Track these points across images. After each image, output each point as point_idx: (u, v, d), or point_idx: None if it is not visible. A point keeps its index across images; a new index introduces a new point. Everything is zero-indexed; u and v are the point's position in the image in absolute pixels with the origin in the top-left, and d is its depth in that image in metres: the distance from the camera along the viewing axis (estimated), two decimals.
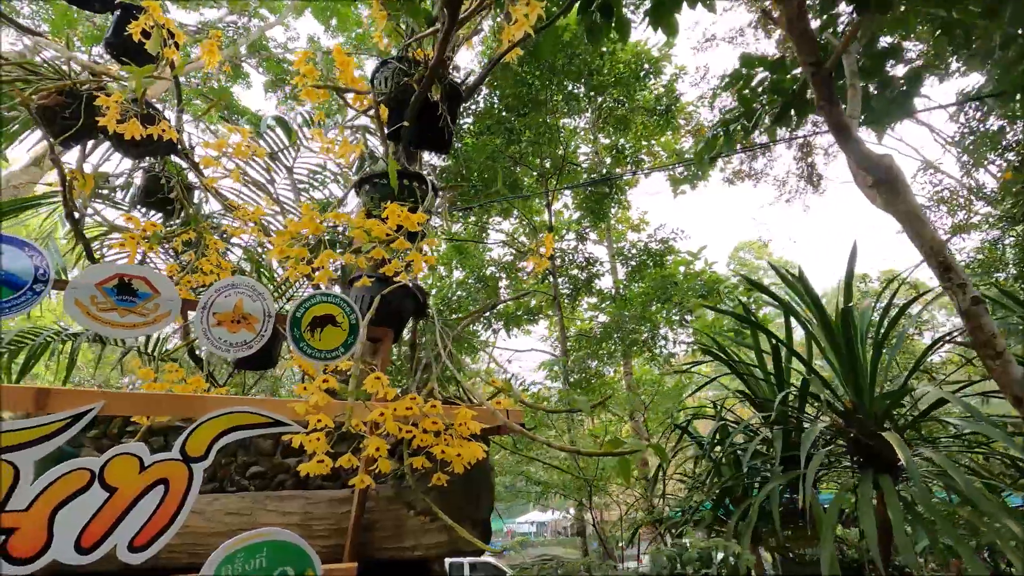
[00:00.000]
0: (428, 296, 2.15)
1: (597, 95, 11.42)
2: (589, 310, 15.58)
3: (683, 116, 14.50)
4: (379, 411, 1.62)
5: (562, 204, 14.89)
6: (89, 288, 1.50)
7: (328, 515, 1.91)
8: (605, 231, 15.79)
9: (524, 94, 9.84)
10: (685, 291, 11.87)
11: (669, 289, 12.46)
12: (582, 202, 12.96)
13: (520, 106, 9.95)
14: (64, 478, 1.42)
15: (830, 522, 3.05)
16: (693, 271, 13.33)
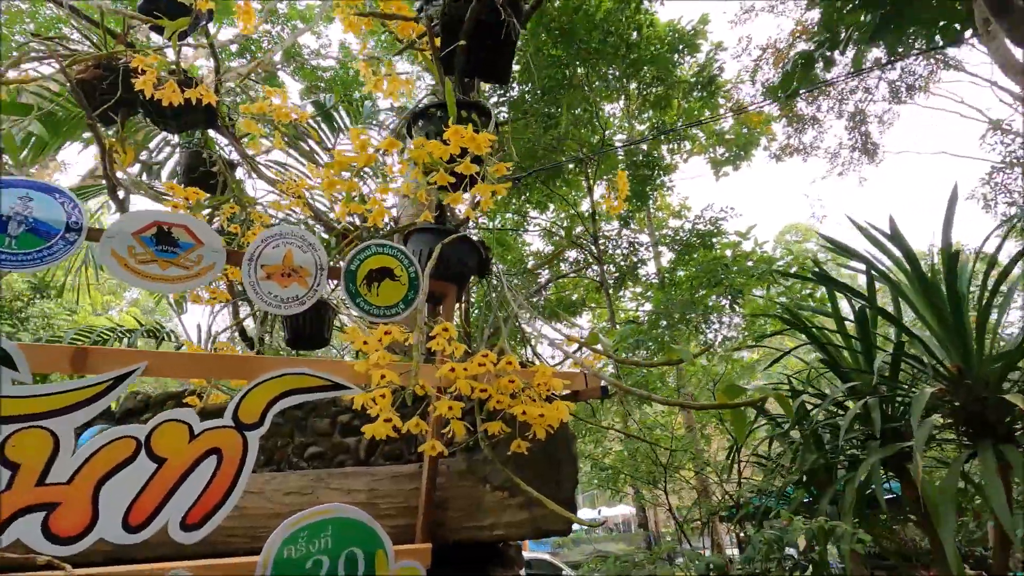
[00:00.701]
0: (491, 251, 1.95)
1: (634, 74, 11.05)
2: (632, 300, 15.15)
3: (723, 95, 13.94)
4: (449, 367, 1.41)
5: (599, 195, 14.52)
6: (126, 237, 1.34)
7: (395, 492, 1.72)
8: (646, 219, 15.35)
9: (558, 76, 9.57)
10: (735, 273, 11.36)
11: (719, 272, 11.96)
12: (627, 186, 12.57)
13: (556, 88, 9.68)
14: (108, 447, 1.26)
15: (949, 501, 2.68)
16: (742, 252, 12.75)
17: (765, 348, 7.33)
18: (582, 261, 13.59)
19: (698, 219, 12.85)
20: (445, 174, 1.31)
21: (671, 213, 17.42)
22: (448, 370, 1.40)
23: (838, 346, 4.39)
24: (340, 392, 1.50)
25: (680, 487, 4.91)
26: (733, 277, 11.81)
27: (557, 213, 14.16)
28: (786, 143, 15.84)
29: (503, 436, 1.54)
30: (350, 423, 2.28)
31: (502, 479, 1.69)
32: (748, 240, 14.39)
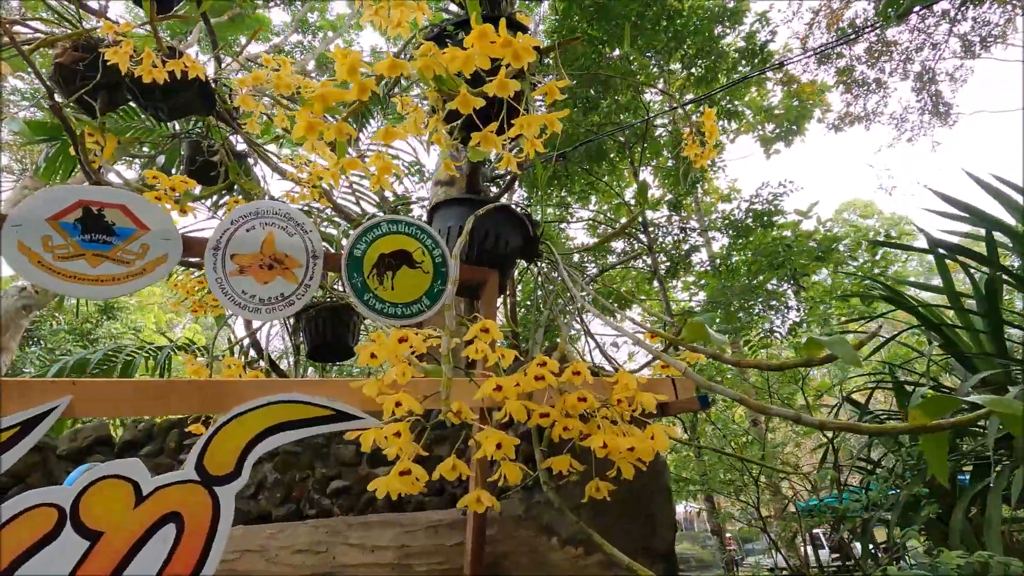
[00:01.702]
0: (540, 226, 1.50)
1: (676, 48, 10.38)
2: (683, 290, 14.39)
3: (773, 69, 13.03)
4: (493, 384, 0.97)
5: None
6: (39, 225, 0.97)
7: (433, 549, 1.30)
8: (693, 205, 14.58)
9: (594, 55, 9.04)
10: (797, 254, 10.50)
11: (780, 253, 11.10)
12: (671, 170, 11.91)
13: (591, 67, 9.15)
14: (19, 521, 0.89)
15: None
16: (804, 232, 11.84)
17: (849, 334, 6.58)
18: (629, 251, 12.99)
19: (753, 199, 12.04)
20: (469, 95, 0.88)
21: (719, 197, 16.56)
22: (493, 388, 0.97)
23: (953, 326, 3.70)
24: (345, 425, 1.09)
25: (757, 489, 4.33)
26: (795, 258, 10.94)
27: (600, 205, 13.60)
28: (845, 111, 14.72)
29: (574, 474, 1.10)
30: (379, 451, 1.88)
31: (574, 530, 1.24)
32: (810, 218, 13.40)
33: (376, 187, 1.08)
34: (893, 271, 13.12)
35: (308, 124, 0.91)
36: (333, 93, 0.93)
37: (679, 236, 11.64)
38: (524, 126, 0.93)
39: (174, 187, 1.76)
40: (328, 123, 0.94)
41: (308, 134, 0.91)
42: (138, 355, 3.73)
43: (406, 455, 0.87)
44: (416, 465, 0.86)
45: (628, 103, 10.83)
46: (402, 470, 0.84)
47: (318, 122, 0.91)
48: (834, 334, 3.34)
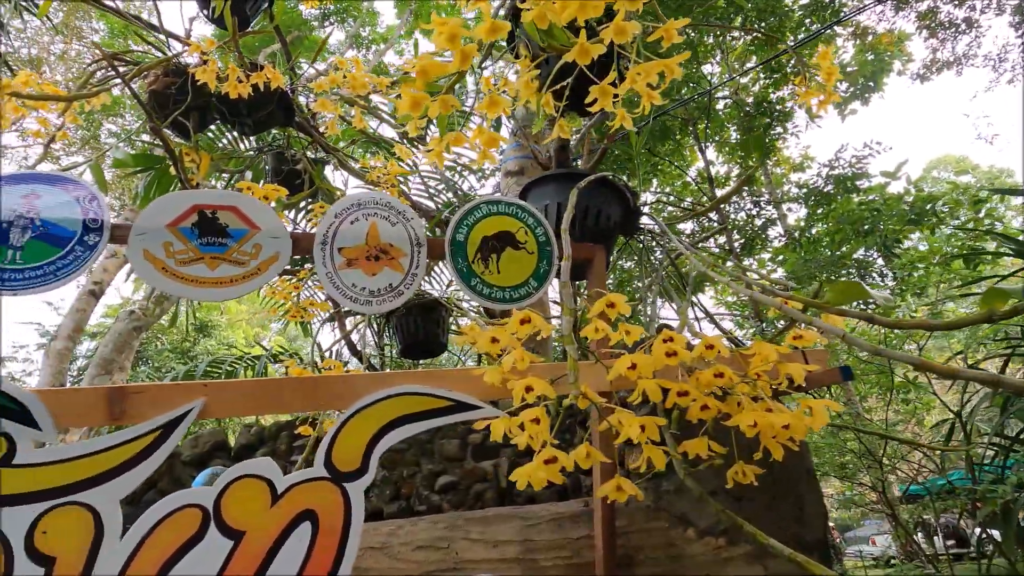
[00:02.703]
0: (639, 197, 1.40)
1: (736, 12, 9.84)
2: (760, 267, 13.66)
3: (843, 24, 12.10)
4: (627, 362, 0.89)
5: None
6: (160, 232, 0.99)
7: (559, 543, 1.24)
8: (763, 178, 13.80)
9: None
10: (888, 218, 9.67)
11: (870, 219, 10.28)
12: (739, 143, 11.33)
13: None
14: (167, 522, 0.90)
15: None
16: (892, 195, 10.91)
17: None
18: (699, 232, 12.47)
19: (833, 163, 11.24)
20: (588, 44, 0.79)
21: (791, 168, 15.61)
22: (627, 366, 0.89)
23: None
24: (467, 414, 1.05)
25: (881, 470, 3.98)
26: (885, 224, 10.10)
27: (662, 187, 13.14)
28: (931, 58, 13.46)
29: (716, 458, 1.00)
30: (483, 444, 1.85)
31: (712, 520, 1.14)
32: (898, 179, 12.35)
33: (481, 162, 1.03)
34: (1000, 230, 11.84)
35: (412, 100, 0.86)
36: (434, 65, 0.88)
37: (752, 210, 11.06)
38: (642, 74, 0.84)
39: (267, 196, 1.80)
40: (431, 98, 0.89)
41: (413, 110, 0.86)
42: (238, 365, 3.93)
43: (540, 439, 0.80)
44: (561, 452, 0.79)
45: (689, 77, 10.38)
46: (547, 458, 0.78)
47: (422, 96, 0.86)
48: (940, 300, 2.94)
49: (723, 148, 12.54)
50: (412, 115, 0.87)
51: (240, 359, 3.94)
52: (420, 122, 0.92)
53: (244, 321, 18.01)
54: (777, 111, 10.93)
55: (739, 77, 12.39)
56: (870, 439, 4.46)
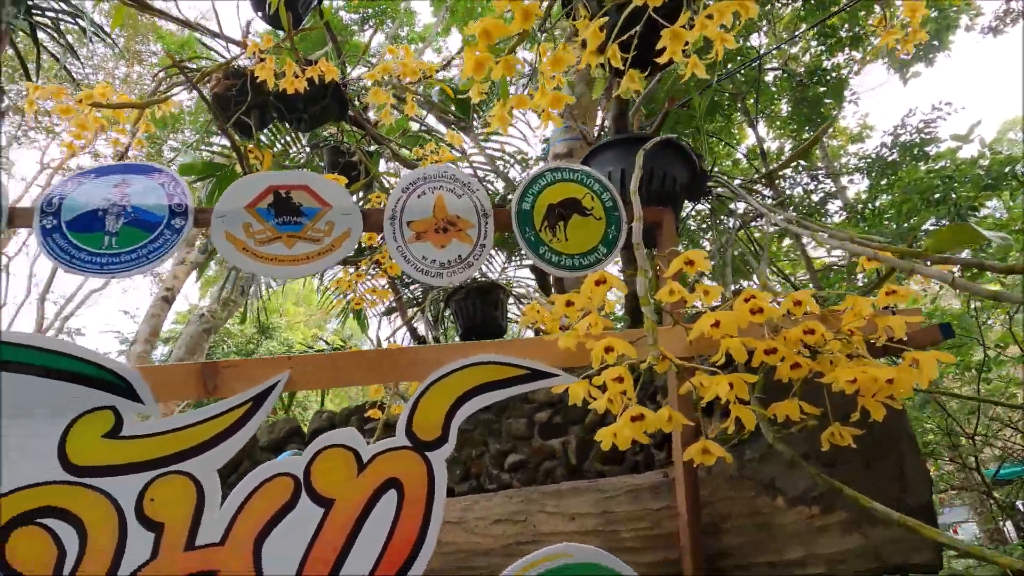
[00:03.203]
0: (704, 159, 1.35)
1: None
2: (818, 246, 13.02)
3: None
4: (711, 320, 0.86)
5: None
6: (239, 214, 1.02)
7: (639, 514, 1.21)
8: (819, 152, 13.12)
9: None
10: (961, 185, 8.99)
11: (941, 187, 9.61)
12: (792, 115, 10.84)
13: None
14: (261, 491, 0.93)
15: None
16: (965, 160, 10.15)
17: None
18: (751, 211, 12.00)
19: (898, 130, 10.56)
20: None
21: (849, 139, 14.80)
22: (710, 324, 0.85)
23: None
24: (543, 383, 1.04)
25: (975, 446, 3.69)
26: (958, 191, 9.44)
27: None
28: (1004, 8, 12.45)
29: (810, 419, 0.95)
30: (550, 421, 1.84)
31: (803, 487, 1.09)
32: (971, 142, 11.51)
33: (545, 123, 1.01)
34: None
35: (476, 62, 0.85)
36: (496, 26, 0.87)
37: (809, 185, 10.55)
38: (715, 16, 0.80)
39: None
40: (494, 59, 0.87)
41: (476, 72, 0.86)
42: None
43: (619, 397, 0.78)
44: (647, 410, 0.77)
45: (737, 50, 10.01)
46: (634, 415, 0.76)
47: (486, 57, 0.85)
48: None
49: (774, 123, 12.01)
50: (476, 77, 0.86)
51: (308, 349, 4.08)
52: (483, 86, 0.91)
53: (302, 323, 18.73)
54: (832, 78, 10.37)
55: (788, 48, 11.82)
56: (958, 414, 4.18)
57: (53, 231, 0.96)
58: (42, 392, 0.89)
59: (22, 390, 0.89)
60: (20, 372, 0.89)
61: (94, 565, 0.87)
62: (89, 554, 0.87)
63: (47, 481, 0.88)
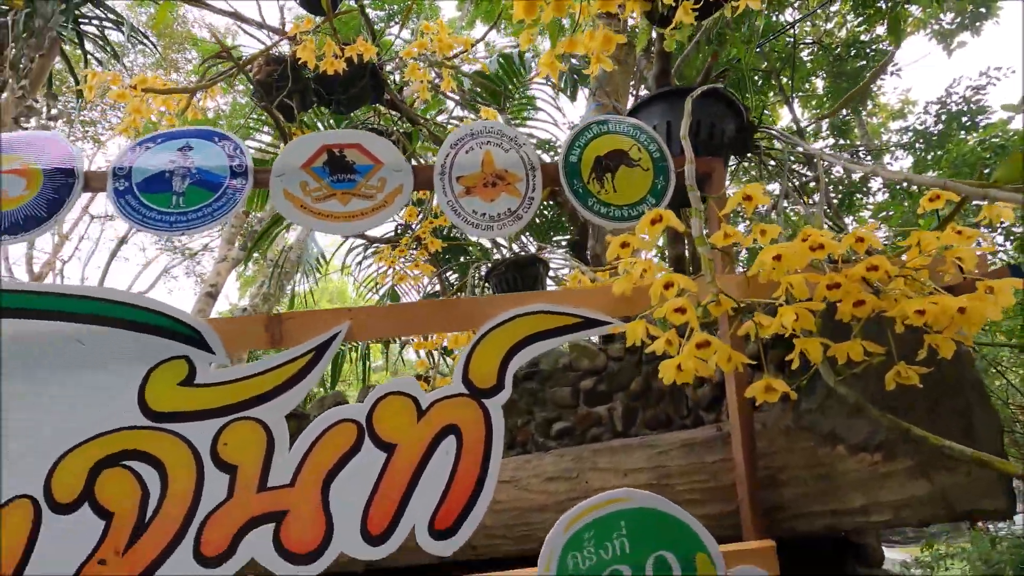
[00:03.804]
0: (751, 112, 1.32)
1: None
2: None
3: None
4: (772, 252, 0.85)
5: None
6: (296, 173, 1.06)
7: (694, 468, 1.21)
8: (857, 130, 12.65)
9: None
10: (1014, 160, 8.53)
11: (992, 160, 9.17)
12: (829, 90, 10.49)
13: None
14: (326, 436, 0.97)
15: None
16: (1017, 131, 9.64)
17: None
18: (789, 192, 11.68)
19: (942, 102, 10.10)
20: None
21: (889, 115, 14.23)
22: (772, 257, 0.84)
23: None
24: (597, 329, 1.04)
25: None
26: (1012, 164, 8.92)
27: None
28: None
29: (877, 356, 0.93)
30: (595, 389, 1.84)
31: (865, 434, 1.07)
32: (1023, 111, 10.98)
33: (595, 68, 1.00)
34: None
35: (525, 5, 0.86)
36: None
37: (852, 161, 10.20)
38: None
39: None
40: None
41: (527, 14, 0.86)
42: (343, 347, 4.18)
43: (698, 328, 0.78)
44: (713, 337, 0.76)
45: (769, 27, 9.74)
46: (700, 342, 0.76)
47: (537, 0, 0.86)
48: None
49: (809, 102, 11.64)
50: (526, 18, 0.86)
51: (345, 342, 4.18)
52: (532, 29, 0.91)
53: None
54: (872, 50, 9.99)
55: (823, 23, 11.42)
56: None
57: (125, 192, 1.01)
58: (123, 343, 0.94)
59: (105, 341, 0.94)
60: (102, 325, 0.94)
61: (176, 504, 0.91)
62: (170, 494, 0.92)
63: (129, 426, 0.93)
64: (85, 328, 0.93)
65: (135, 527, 0.90)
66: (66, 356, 0.93)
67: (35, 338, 0.92)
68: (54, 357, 0.92)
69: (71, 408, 0.92)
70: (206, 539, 0.91)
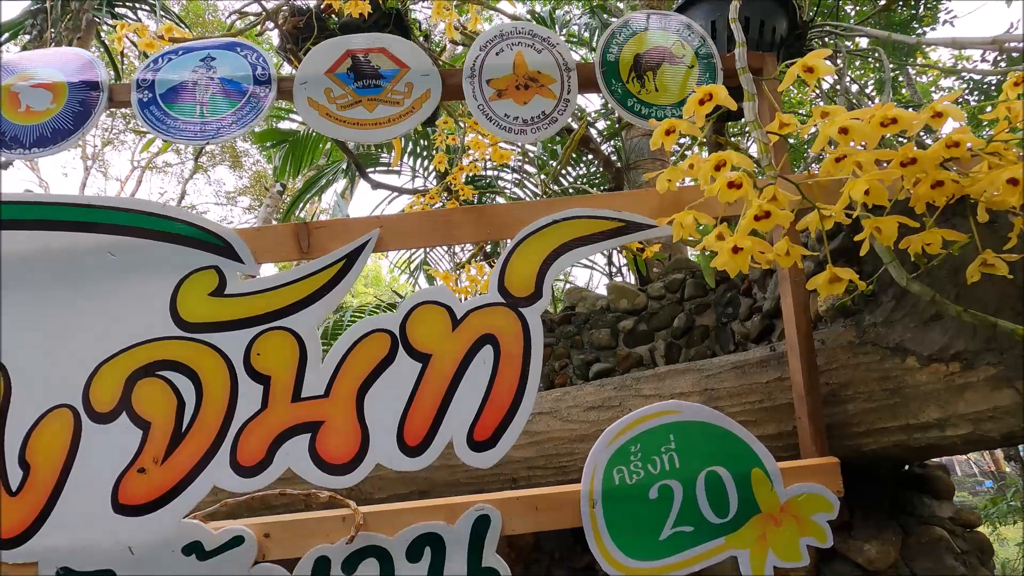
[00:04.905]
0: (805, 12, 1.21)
1: None
2: None
3: None
4: (836, 126, 0.76)
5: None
6: (320, 80, 1.02)
7: (745, 388, 1.13)
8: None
9: None
10: None
11: None
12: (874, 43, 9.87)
13: None
14: (360, 346, 0.93)
15: None
16: None
17: None
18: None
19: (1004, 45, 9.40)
20: None
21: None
22: (837, 130, 0.75)
23: None
24: (639, 234, 0.97)
25: None
26: None
27: None
28: None
29: (955, 245, 0.83)
30: (635, 330, 1.77)
31: (940, 344, 0.97)
32: None
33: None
34: None
35: None
36: None
37: None
38: None
39: None
40: None
41: None
42: (377, 311, 4.20)
43: (755, 200, 0.70)
44: (774, 207, 0.69)
45: None
46: (758, 213, 0.68)
47: None
48: None
49: (852, 62, 11.03)
50: None
51: (378, 307, 4.20)
52: None
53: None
54: None
55: None
56: None
57: (150, 103, 0.99)
58: (152, 254, 0.92)
59: (135, 252, 0.92)
60: (132, 236, 0.93)
61: (211, 414, 0.90)
62: (206, 404, 0.90)
63: (163, 336, 0.91)
64: (115, 239, 0.92)
65: (172, 436, 0.89)
66: (98, 268, 0.91)
67: (67, 250, 0.91)
68: (85, 268, 0.91)
69: (104, 319, 0.91)
70: (242, 449, 0.89)
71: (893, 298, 1.05)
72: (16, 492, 0.87)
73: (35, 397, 0.88)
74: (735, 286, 1.60)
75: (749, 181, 0.71)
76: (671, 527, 0.94)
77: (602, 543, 0.93)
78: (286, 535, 0.91)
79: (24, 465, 0.87)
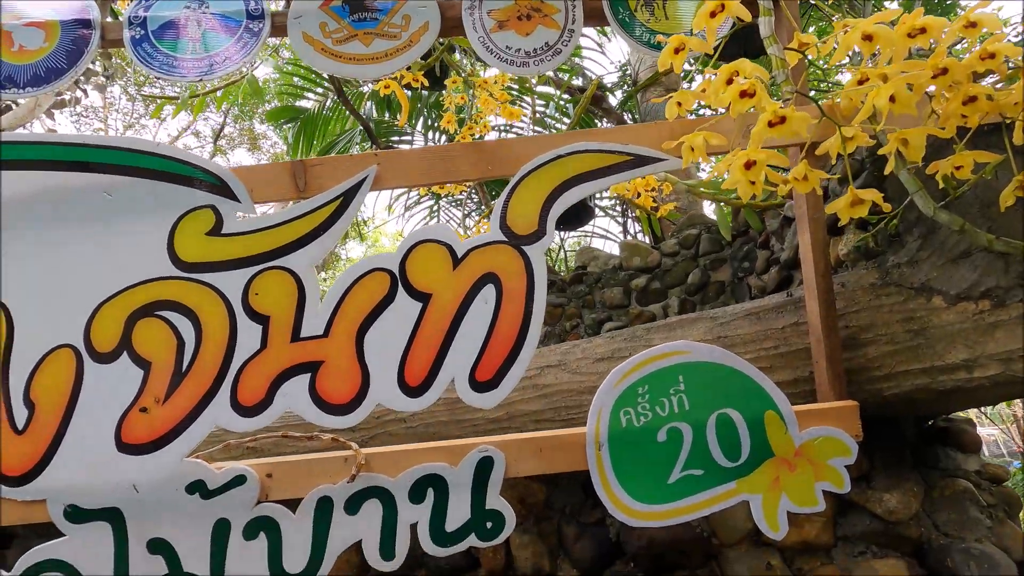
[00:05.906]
0: None
1: None
2: None
3: None
4: (860, 32, 0.70)
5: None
6: (314, 13, 0.98)
7: (760, 334, 1.09)
8: None
9: None
10: None
11: None
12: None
13: None
14: (359, 286, 0.91)
15: None
16: None
17: None
18: None
19: None
20: None
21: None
22: (861, 37, 0.69)
23: None
24: (649, 168, 0.93)
25: None
26: None
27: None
28: None
29: (986, 170, 0.77)
30: (648, 287, 1.73)
31: (968, 282, 0.92)
32: None
33: None
34: None
35: None
36: None
37: None
38: None
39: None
40: None
41: None
42: None
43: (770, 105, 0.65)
44: (790, 111, 0.64)
45: None
46: (773, 120, 0.64)
47: None
48: None
49: None
50: None
51: None
52: None
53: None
54: None
55: None
56: None
57: (142, 40, 0.97)
58: (148, 192, 0.91)
59: (131, 192, 0.91)
60: (128, 175, 0.91)
61: (211, 354, 0.89)
62: (205, 344, 0.89)
63: (161, 276, 0.90)
64: (111, 179, 0.90)
65: (173, 376, 0.88)
66: (94, 207, 0.90)
67: (63, 190, 0.90)
68: (82, 209, 0.90)
69: (103, 259, 0.90)
70: (243, 388, 0.88)
71: (919, 237, 0.99)
72: (23, 430, 0.88)
73: (37, 336, 0.88)
74: (752, 239, 1.54)
75: (763, 87, 0.66)
76: (680, 470, 0.91)
77: (608, 486, 0.91)
78: (288, 475, 0.91)
79: (29, 404, 0.88)
